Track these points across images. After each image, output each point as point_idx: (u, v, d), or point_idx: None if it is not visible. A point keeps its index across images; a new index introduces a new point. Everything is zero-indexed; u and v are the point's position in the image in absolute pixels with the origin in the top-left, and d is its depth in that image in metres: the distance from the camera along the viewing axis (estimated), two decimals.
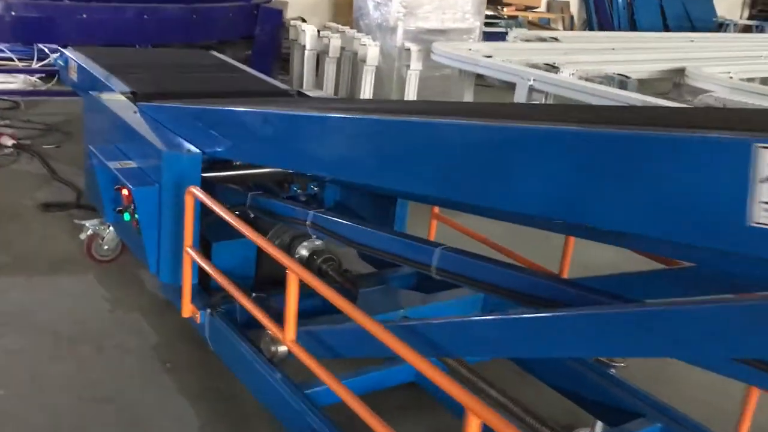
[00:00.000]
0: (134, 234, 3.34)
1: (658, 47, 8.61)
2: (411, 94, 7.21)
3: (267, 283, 3.34)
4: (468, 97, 7.56)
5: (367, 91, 7.17)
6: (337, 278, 3.10)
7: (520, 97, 5.96)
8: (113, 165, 3.29)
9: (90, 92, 3.78)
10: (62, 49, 4.66)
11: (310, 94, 4.21)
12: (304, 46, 7.65)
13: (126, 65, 4.38)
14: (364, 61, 7.07)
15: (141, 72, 4.25)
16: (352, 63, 7.49)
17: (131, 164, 3.29)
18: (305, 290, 3.27)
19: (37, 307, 3.65)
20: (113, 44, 7.35)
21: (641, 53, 7.99)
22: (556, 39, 9.13)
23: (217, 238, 3.25)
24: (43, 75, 7.96)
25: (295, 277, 2.31)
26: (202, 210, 2.97)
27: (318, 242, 3.36)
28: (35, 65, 7.95)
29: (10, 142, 5.84)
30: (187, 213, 2.93)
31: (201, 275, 3.11)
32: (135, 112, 3.55)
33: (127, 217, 3.35)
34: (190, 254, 2.96)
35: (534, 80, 5.86)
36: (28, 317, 3.56)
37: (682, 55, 8.05)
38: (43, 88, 7.71)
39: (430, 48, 7.23)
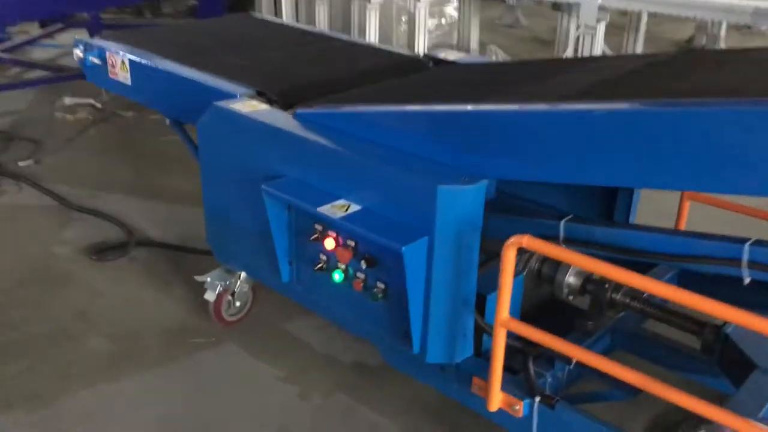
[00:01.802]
0: (354, 300, 2.37)
1: None
2: (422, 34, 6.23)
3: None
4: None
5: (372, 34, 6.13)
6: (676, 318, 2.29)
7: None
8: (327, 210, 2.26)
9: (216, 103, 2.64)
10: (88, 40, 3.37)
11: (443, 56, 3.23)
12: None
13: (196, 52, 3.21)
14: None
15: (231, 61, 3.12)
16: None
17: (352, 207, 2.28)
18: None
19: (206, 419, 2.61)
20: (50, 15, 5.94)
21: None
22: None
23: (491, 287, 2.34)
24: None
25: None
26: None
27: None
28: None
29: None
30: (505, 276, 2.00)
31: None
32: (303, 125, 2.50)
33: (339, 276, 2.38)
34: (511, 328, 2.06)
35: None
36: None
37: None
38: None
39: None
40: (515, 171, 2.11)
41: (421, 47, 6.22)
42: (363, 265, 2.28)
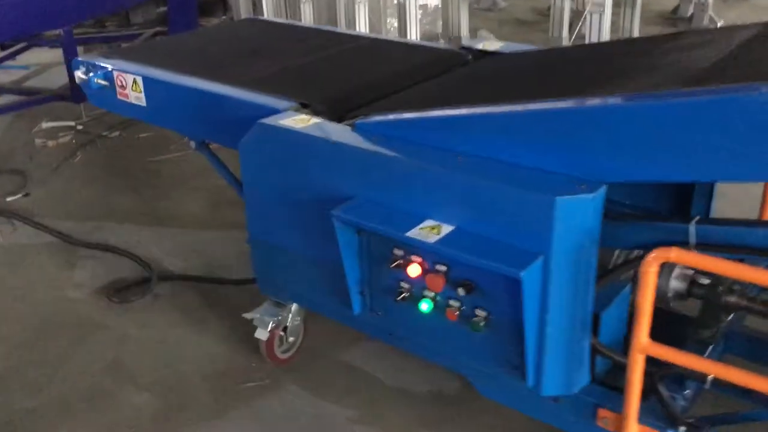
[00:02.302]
0: (446, 331, 2.11)
1: None
2: (413, 24, 5.96)
3: None
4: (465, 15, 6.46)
5: (361, 29, 5.83)
6: None
7: None
8: (417, 234, 1.99)
9: (262, 121, 2.34)
10: (91, 60, 3.02)
11: (482, 46, 2.97)
12: None
13: (215, 64, 2.91)
14: None
15: (258, 71, 2.81)
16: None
17: (443, 228, 2.00)
18: None
19: None
20: (20, 35, 5.50)
21: None
22: None
23: (604, 304, 2.08)
24: None
25: None
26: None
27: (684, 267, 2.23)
28: None
29: None
30: (646, 294, 1.75)
31: None
32: (368, 138, 2.21)
33: (428, 306, 2.11)
34: (652, 353, 1.81)
35: None
36: None
37: None
38: None
39: None
40: (639, 172, 1.84)
41: (413, 39, 5.96)
42: (460, 292, 2.01)
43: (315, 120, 2.35)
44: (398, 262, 2.13)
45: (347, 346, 2.86)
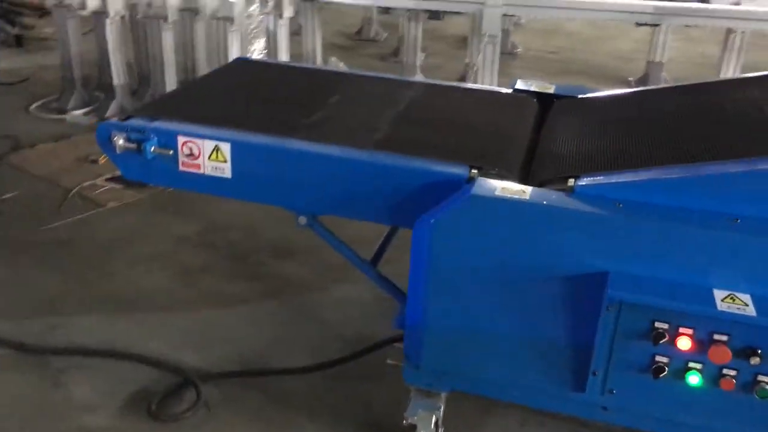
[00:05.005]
0: (716, 401, 2.02)
1: None
2: (283, 53, 5.62)
3: None
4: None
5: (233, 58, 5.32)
6: None
7: None
8: (727, 308, 1.87)
9: (474, 193, 2.00)
10: (134, 123, 2.35)
11: (534, 88, 2.87)
12: (103, 12, 5.28)
13: (311, 122, 2.46)
14: (226, 19, 5.16)
15: (371, 128, 2.44)
16: (190, 27, 5.42)
17: (742, 297, 1.90)
18: None
19: None
20: None
21: None
22: None
23: None
24: None
25: None
26: None
27: None
28: None
29: None
30: None
31: None
32: (600, 205, 2.02)
33: (697, 379, 2.01)
34: None
35: None
36: None
37: None
38: None
39: None
40: None
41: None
42: (753, 361, 1.93)
43: (525, 188, 2.09)
44: (665, 337, 1.98)
45: (485, 412, 2.59)
